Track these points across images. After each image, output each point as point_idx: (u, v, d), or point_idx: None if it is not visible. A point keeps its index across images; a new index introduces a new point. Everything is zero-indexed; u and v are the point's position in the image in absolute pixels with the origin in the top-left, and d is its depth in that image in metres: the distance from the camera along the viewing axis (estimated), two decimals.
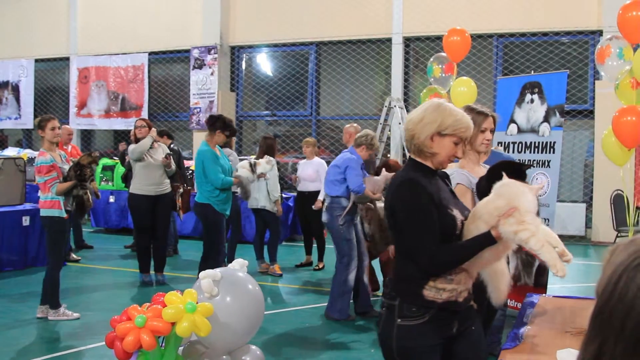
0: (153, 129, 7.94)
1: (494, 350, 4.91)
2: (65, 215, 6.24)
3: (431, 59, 8.27)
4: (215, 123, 6.96)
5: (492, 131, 3.97)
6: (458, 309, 2.72)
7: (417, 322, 2.67)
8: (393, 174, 7.19)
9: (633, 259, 1.08)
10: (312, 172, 8.91)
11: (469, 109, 3.77)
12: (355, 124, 8.23)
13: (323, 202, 7.82)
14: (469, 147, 3.83)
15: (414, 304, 2.67)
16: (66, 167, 6.35)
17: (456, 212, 2.72)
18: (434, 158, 2.76)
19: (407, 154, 3.93)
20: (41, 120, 6.38)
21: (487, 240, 2.58)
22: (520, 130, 6.84)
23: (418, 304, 2.67)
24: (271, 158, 8.11)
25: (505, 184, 2.68)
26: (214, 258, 6.69)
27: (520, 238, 2.48)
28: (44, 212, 6.27)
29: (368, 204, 6.68)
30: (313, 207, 8.47)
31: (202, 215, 7.03)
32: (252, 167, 7.12)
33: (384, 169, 6.85)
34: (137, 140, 7.85)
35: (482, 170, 3.81)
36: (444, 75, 8.05)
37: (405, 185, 2.72)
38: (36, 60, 16.64)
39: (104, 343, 3.67)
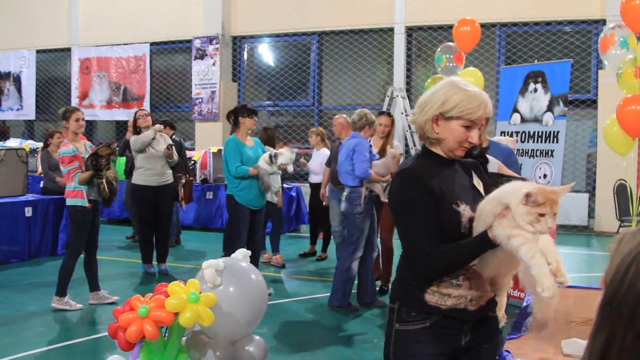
0: (157, 124, 7.96)
1: None
2: (87, 204, 6.33)
3: (438, 49, 8.24)
4: (236, 112, 6.97)
5: None
6: (468, 318, 2.38)
7: (416, 327, 2.37)
8: (396, 151, 7.20)
9: None
10: (318, 165, 8.88)
11: None
12: (344, 115, 8.19)
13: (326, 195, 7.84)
14: None
15: (414, 309, 2.38)
16: None
17: (464, 208, 2.34)
18: (441, 145, 2.41)
19: (410, 144, 3.84)
20: (66, 111, 6.50)
21: (484, 242, 2.22)
22: (523, 120, 6.82)
23: (418, 309, 2.37)
24: (294, 149, 8.02)
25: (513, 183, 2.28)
26: (228, 249, 6.69)
27: (512, 245, 2.14)
28: (68, 202, 6.40)
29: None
30: (323, 202, 8.40)
31: (227, 207, 7.13)
32: (272, 158, 7.01)
33: (388, 147, 6.88)
34: (138, 132, 7.83)
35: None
36: (451, 65, 8.03)
37: (400, 176, 2.43)
38: (37, 51, 16.61)
39: (107, 333, 3.66)
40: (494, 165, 3.52)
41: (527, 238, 2.12)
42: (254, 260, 6.73)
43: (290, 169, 7.24)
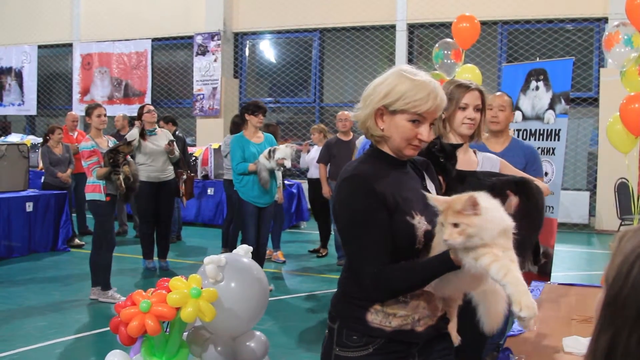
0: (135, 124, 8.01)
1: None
2: (105, 198, 6.44)
3: (436, 45, 8.22)
4: (245, 109, 7.05)
5: (480, 109, 3.14)
6: (415, 340, 2.10)
7: (357, 354, 2.09)
8: None
9: None
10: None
11: (449, 82, 3.24)
12: (346, 111, 8.43)
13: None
14: (449, 129, 3.14)
15: (354, 331, 2.09)
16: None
17: (419, 220, 2.04)
18: (388, 143, 2.11)
19: None
20: (88, 108, 6.76)
21: (445, 264, 1.92)
22: (525, 118, 6.80)
23: (360, 332, 2.08)
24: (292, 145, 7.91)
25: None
26: (231, 245, 6.75)
27: (481, 265, 1.85)
28: (87, 196, 6.54)
29: None
30: (324, 195, 8.45)
31: (233, 203, 7.28)
32: (270, 153, 6.91)
33: None
34: (142, 126, 7.82)
35: (469, 159, 3.17)
36: (450, 61, 8.01)
37: (349, 183, 2.07)
38: (39, 47, 16.60)
39: (108, 328, 3.67)
40: (495, 163, 3.30)
41: (495, 255, 1.85)
42: (259, 258, 6.73)
43: (288, 164, 7.10)
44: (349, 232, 2.08)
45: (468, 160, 3.14)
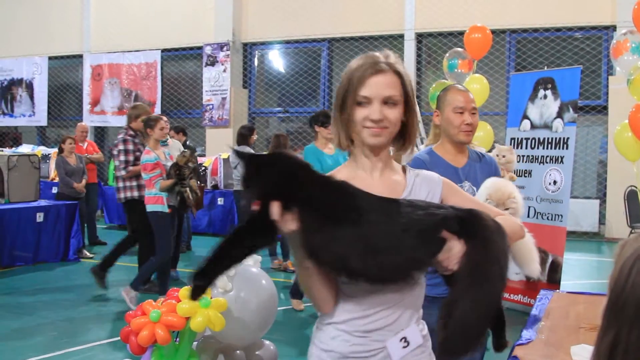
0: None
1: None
2: (167, 210, 6.55)
3: (447, 54, 8.25)
4: (314, 120, 6.98)
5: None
6: None
7: None
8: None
9: None
10: None
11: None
12: None
13: None
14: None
15: None
16: (169, 164, 6.66)
17: None
18: None
19: (418, 148, 3.73)
20: (150, 120, 6.71)
21: None
22: (533, 126, 6.81)
23: None
24: None
25: None
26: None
27: None
28: (148, 208, 6.60)
29: None
30: None
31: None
32: None
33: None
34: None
35: (392, 182, 1.98)
36: (459, 71, 8.04)
37: None
38: (50, 58, 16.72)
39: (119, 338, 3.69)
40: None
41: None
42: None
43: None
44: None
45: (390, 183, 1.97)
